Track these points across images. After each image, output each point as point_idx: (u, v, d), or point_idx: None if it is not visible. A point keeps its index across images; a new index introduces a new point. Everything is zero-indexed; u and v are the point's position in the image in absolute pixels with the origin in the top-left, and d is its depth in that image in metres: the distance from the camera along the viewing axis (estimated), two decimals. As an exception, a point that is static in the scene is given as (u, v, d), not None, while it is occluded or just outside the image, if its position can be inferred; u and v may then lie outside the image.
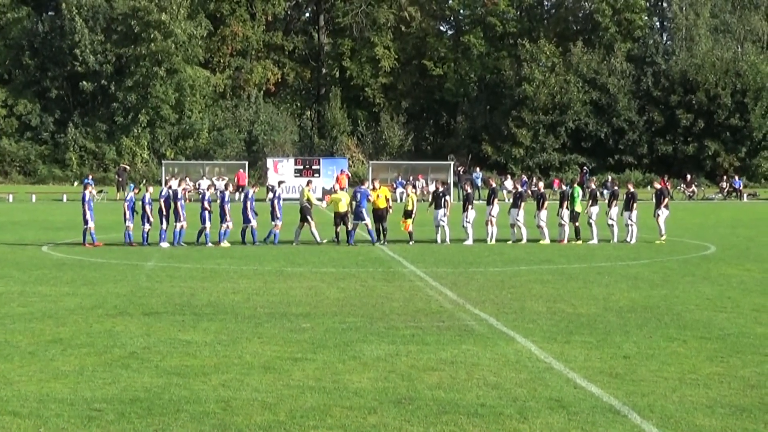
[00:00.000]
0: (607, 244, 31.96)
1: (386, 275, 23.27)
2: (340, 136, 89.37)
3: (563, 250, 29.86)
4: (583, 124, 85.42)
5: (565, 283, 21.78)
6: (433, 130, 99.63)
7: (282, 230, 32.21)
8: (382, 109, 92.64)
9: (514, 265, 25.58)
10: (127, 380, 12.12)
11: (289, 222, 35.53)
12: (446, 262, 26.19)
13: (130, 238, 30.97)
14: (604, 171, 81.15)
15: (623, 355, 13.65)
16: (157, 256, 27.92)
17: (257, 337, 14.89)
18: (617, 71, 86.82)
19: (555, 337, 14.95)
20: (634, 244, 31.72)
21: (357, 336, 14.98)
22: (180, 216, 31.12)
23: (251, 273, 23.73)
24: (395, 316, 17.00)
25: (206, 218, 30.98)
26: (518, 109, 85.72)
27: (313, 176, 62.23)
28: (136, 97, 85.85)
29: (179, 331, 15.43)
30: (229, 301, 18.89)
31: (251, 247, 30.41)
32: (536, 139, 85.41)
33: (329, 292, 20.10)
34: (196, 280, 22.17)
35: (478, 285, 21.36)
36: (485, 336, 15.01)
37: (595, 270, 24.48)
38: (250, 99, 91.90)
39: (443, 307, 18.03)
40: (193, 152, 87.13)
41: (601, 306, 18.24)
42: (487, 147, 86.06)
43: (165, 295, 19.58)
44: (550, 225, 32.97)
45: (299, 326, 15.90)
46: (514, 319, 16.58)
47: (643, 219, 34.75)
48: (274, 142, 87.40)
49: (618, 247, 31.09)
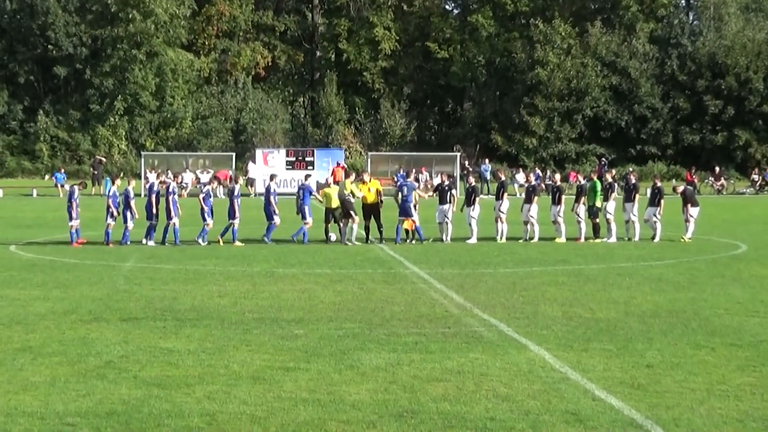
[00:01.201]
0: (628, 242, 31.98)
1: (386, 277, 23.26)
2: (336, 125, 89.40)
3: (580, 250, 29.85)
4: (601, 111, 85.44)
5: (583, 285, 21.77)
6: (437, 119, 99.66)
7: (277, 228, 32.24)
8: (382, 96, 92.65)
9: (527, 266, 25.57)
10: (102, 392, 12.11)
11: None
12: (452, 263, 26.18)
13: (109, 237, 30.97)
14: (624, 163, 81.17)
15: (646, 364, 13.64)
16: (136, 256, 27.92)
17: (245, 345, 14.89)
18: (639, 54, 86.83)
19: (571, 344, 14.95)
20: (657, 243, 31.71)
21: (354, 343, 14.97)
22: (172, 212, 31.08)
23: (239, 275, 23.73)
24: (396, 321, 16.99)
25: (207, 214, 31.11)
26: (531, 96, 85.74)
27: (306, 168, 62.35)
28: (113, 83, 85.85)
29: (160, 339, 15.42)
30: (214, 305, 18.88)
31: (237, 247, 30.40)
32: (550, 128, 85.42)
33: (324, 296, 20.09)
34: (178, 283, 22.15)
35: (487, 287, 21.34)
36: (495, 343, 15.01)
37: (615, 271, 24.47)
38: (238, 84, 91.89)
39: (449, 312, 18.02)
40: (175, 143, 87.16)
41: (622, 310, 18.23)
42: (497, 137, 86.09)
43: (144, 299, 19.57)
44: (566, 222, 32.96)
45: (291, 333, 15.90)
46: (527, 325, 16.58)
47: (667, 215, 34.72)
48: (264, 131, 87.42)
49: (640, 246, 31.08)
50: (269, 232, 31.46)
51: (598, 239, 32.38)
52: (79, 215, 31.42)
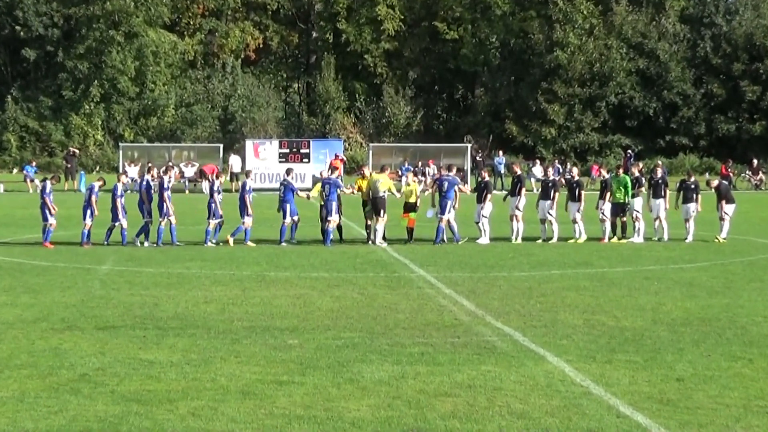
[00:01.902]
0: (656, 243, 31.97)
1: (390, 281, 23.26)
2: (334, 113, 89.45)
3: (603, 251, 29.84)
4: (627, 98, 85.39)
5: (606, 290, 21.77)
6: (446, 106, 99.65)
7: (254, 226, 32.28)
8: (385, 81, 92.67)
9: (545, 269, 25.57)
10: (76, 408, 12.11)
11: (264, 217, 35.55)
12: (462, 266, 26.18)
13: (86, 237, 30.97)
14: (652, 155, 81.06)
15: (676, 377, 13.64)
16: (114, 258, 27.93)
17: (234, 357, 14.89)
18: (669, 34, 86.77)
19: (594, 355, 14.95)
20: (689, 244, 31.71)
21: (354, 355, 14.97)
22: (164, 210, 31.07)
23: (227, 279, 23.73)
24: (401, 330, 17.00)
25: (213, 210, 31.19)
26: (549, 81, 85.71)
27: (301, 161, 62.40)
28: (88, 67, 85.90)
29: (140, 349, 15.43)
30: (200, 312, 18.89)
31: (223, 248, 30.41)
32: (571, 117, 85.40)
33: (321, 302, 20.09)
34: (160, 287, 22.16)
35: (500, 293, 21.34)
36: (509, 354, 15.01)
37: (642, 274, 24.45)
38: (226, 69, 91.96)
39: (459, 320, 18.02)
40: (157, 133, 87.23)
41: (650, 318, 18.22)
42: (512, 126, 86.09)
43: (123, 306, 19.57)
44: (587, 220, 32.93)
45: (285, 343, 15.90)
46: (545, 334, 16.58)
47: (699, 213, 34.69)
48: (255, 120, 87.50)
49: (670, 246, 31.06)
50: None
51: (624, 239, 32.37)
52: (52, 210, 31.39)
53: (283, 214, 31.65)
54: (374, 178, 32.34)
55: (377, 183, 31.80)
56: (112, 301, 20.23)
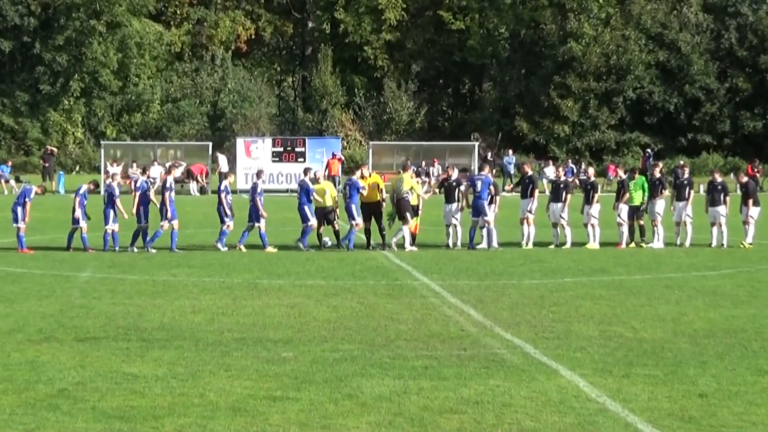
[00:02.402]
0: (678, 249, 31.97)
1: (391, 289, 23.26)
2: (331, 109, 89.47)
3: (621, 257, 29.84)
4: (646, 93, 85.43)
5: (624, 299, 21.78)
6: (451, 102, 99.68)
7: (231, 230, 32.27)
8: (386, 75, 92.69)
9: (557, 277, 25.57)
10: (55, 426, 12.11)
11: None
12: (469, 273, 26.18)
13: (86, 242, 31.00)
14: (673, 154, 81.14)
15: (698, 392, 13.64)
16: (94, 264, 27.92)
17: (224, 370, 14.89)
18: (691, 24, 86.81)
19: (610, 369, 14.95)
20: (713, 250, 31.72)
21: (353, 368, 14.98)
22: (169, 213, 31.06)
23: (216, 287, 23.73)
24: (403, 342, 17.00)
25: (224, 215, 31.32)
26: (562, 74, 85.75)
27: (296, 161, 62.40)
28: (68, 59, 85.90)
29: (123, 362, 15.43)
30: (187, 323, 18.89)
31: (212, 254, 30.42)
32: (586, 113, 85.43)
33: (317, 312, 20.10)
34: (144, 296, 22.16)
35: (510, 302, 21.35)
36: (520, 368, 15.01)
37: (662, 282, 24.45)
38: (215, 61, 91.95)
39: (465, 331, 18.03)
40: (141, 130, 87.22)
41: (670, 329, 18.22)
42: (522, 123, 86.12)
43: (104, 316, 19.57)
44: (603, 224, 32.92)
45: (278, 356, 15.90)
46: (557, 347, 16.58)
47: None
48: (246, 117, 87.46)
49: (692, 252, 31.07)
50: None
51: (642, 244, 32.37)
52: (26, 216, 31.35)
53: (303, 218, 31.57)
54: (397, 178, 32.45)
55: (399, 182, 31.80)
56: (92, 310, 20.22)
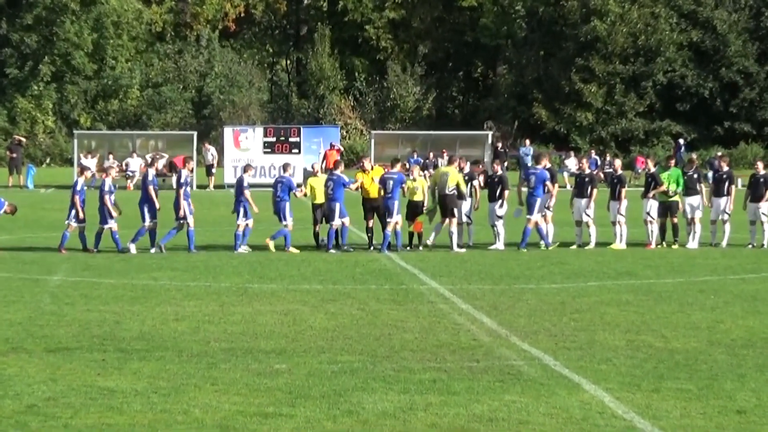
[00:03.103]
0: (713, 249, 31.92)
1: (396, 294, 23.26)
2: (329, 94, 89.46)
3: (650, 258, 29.81)
4: (678, 77, 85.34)
5: (653, 305, 21.75)
6: (462, 87, 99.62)
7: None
8: (390, 57, 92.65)
9: (580, 280, 25.55)
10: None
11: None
12: (482, 276, 26.17)
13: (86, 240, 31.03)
14: (708, 144, 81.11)
15: (736, 409, 13.62)
16: (66, 267, 27.91)
17: (210, 384, 14.88)
18: (727, 1, 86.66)
19: (638, 383, 14.93)
20: (753, 250, 31.67)
21: (353, 382, 14.97)
22: (184, 210, 31.08)
23: (202, 291, 23.72)
24: (408, 353, 16.99)
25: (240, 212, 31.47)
26: (585, 56, 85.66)
27: (290, 152, 62.33)
28: (37, 40, 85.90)
29: (98, 375, 15.42)
30: (169, 331, 18.88)
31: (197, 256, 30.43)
32: (611, 99, 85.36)
33: (314, 319, 20.09)
34: (122, 302, 22.15)
35: (528, 309, 21.33)
36: (538, 382, 15.00)
37: (695, 286, 24.43)
38: (200, 42, 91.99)
39: (478, 341, 18.02)
40: (119, 118, 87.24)
41: (705, 339, 18.21)
42: (541, 110, 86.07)
43: (78, 324, 19.56)
44: (631, 222, 32.89)
45: (271, 368, 15.89)
46: (580, 358, 16.57)
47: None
48: (235, 103, 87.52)
49: (729, 254, 31.04)
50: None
51: (675, 244, 32.33)
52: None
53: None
54: (441, 171, 32.42)
55: (444, 176, 31.77)
56: (65, 318, 20.21)
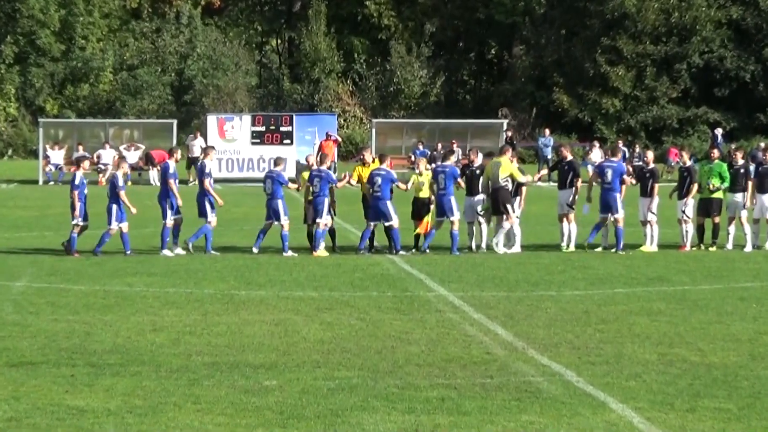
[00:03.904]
0: (755, 252, 31.91)
1: (399, 302, 23.25)
2: (325, 78, 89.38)
3: (684, 262, 29.80)
4: (716, 59, 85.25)
5: (688, 315, 21.75)
6: (474, 70, 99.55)
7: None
8: (394, 36, 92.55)
9: (606, 287, 25.54)
10: (-18, 471, 12.12)
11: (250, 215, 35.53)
12: (496, 282, 26.17)
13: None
14: (749, 135, 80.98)
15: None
16: (31, 271, 27.90)
17: (192, 402, 14.89)
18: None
19: (671, 401, 14.94)
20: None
21: (352, 400, 14.97)
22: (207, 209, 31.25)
23: (182, 299, 23.72)
24: (414, 368, 17.00)
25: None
26: (612, 36, 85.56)
27: (281, 143, 62.30)
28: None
29: (66, 393, 15.42)
30: (146, 344, 18.88)
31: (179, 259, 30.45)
32: (641, 84, 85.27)
33: (308, 330, 20.09)
34: (93, 311, 22.14)
35: (547, 318, 21.33)
36: (559, 400, 15.00)
37: (735, 294, 24.43)
38: (180, 20, 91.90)
39: (491, 354, 18.02)
40: (89, 105, 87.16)
41: (746, 352, 18.21)
42: (562, 96, 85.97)
43: (44, 335, 19.55)
44: (662, 221, 32.88)
45: (259, 384, 15.90)
46: (606, 373, 16.57)
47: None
48: (220, 88, 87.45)
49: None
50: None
51: (713, 246, 32.32)
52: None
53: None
54: (493, 162, 32.32)
55: (496, 167, 31.74)
56: (29, 328, 20.21)
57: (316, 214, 31.38)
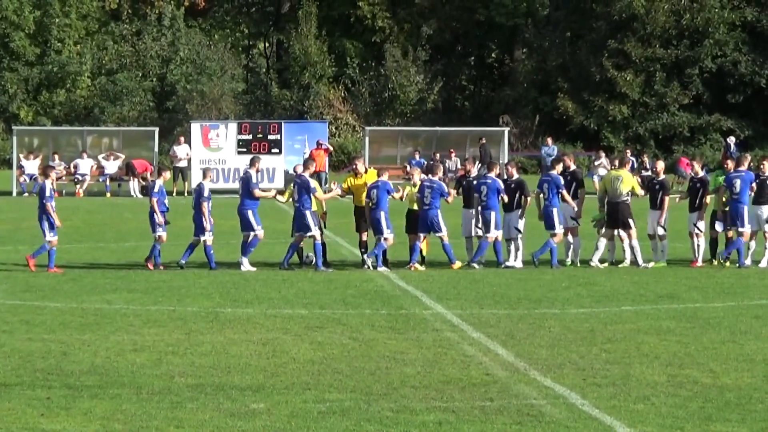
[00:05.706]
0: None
1: (394, 321, 23.26)
2: (315, 84, 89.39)
3: (696, 279, 29.82)
4: (729, 63, 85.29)
5: (700, 334, 21.77)
6: (474, 75, 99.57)
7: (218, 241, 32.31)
8: (388, 39, 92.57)
9: (613, 304, 25.56)
10: (-47, 499, 12.14)
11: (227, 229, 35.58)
12: (497, 299, 26.19)
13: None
14: (765, 144, 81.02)
15: (798, 456, 13.68)
16: (5, 288, 27.90)
17: (175, 426, 14.90)
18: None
19: (682, 425, 14.96)
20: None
21: (345, 424, 14.99)
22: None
23: (165, 317, 23.72)
24: (409, 390, 17.01)
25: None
26: (619, 38, 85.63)
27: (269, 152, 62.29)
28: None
29: (42, 416, 15.43)
30: (126, 364, 18.89)
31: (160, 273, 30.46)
32: (650, 90, 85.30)
33: (297, 350, 20.10)
34: (70, 329, 22.14)
35: (550, 338, 21.35)
36: (563, 424, 15.03)
37: (750, 312, 24.44)
38: (162, 22, 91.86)
39: (491, 375, 18.04)
40: (66, 112, 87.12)
41: (761, 373, 18.23)
42: (566, 103, 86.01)
43: (18, 355, 19.57)
44: (672, 234, 32.89)
45: (246, 407, 15.91)
46: (613, 396, 16.60)
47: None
48: (204, 94, 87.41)
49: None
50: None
51: (727, 262, 32.31)
52: None
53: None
54: (612, 175, 32.43)
55: (616, 181, 31.76)
56: (2, 348, 20.21)
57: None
